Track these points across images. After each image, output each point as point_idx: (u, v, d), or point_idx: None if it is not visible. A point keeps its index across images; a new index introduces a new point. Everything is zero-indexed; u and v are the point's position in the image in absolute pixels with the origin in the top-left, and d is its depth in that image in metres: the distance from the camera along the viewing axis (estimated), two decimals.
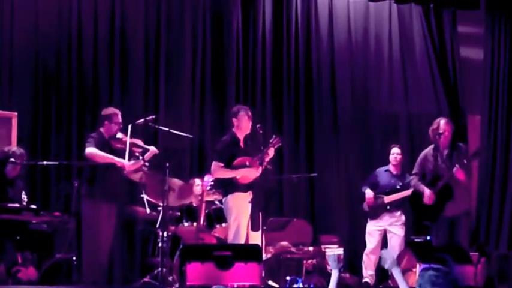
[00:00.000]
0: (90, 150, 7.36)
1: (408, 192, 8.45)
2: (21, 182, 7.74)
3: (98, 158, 7.37)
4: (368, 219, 8.73)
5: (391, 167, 8.81)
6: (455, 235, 7.70)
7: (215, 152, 7.59)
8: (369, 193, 8.67)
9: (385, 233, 8.67)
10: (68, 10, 9.09)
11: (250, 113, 7.55)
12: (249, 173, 7.31)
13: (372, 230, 8.69)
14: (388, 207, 8.58)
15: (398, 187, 8.63)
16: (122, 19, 9.32)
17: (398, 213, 8.64)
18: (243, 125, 7.48)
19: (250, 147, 7.50)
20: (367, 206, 8.67)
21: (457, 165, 7.59)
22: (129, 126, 7.46)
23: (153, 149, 7.58)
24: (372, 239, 8.67)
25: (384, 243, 8.69)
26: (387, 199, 8.59)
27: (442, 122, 7.86)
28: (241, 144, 7.49)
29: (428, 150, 7.95)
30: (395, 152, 8.79)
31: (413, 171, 8.08)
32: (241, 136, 7.51)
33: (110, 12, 9.27)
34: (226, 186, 7.47)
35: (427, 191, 7.76)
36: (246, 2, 9.91)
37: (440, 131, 7.79)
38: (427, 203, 7.74)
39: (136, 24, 9.39)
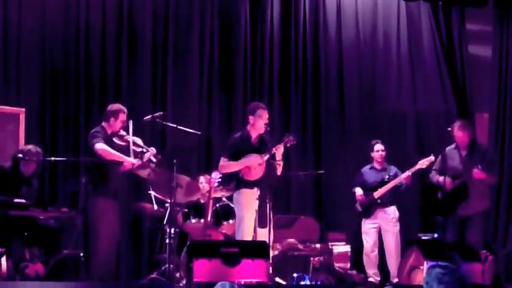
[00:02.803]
0: (102, 146, 7.27)
1: (396, 181, 8.46)
2: (36, 180, 7.73)
3: (109, 155, 7.28)
4: (363, 219, 8.73)
5: (375, 164, 8.81)
6: (466, 235, 7.73)
7: (224, 148, 7.59)
8: (358, 191, 8.71)
9: (380, 230, 8.66)
10: (75, 5, 9.10)
11: (267, 115, 7.40)
12: (252, 163, 7.28)
13: (368, 228, 8.69)
14: (379, 201, 8.57)
15: (386, 179, 8.62)
16: (129, 15, 9.33)
17: (392, 209, 8.63)
18: (258, 125, 7.38)
19: (264, 145, 7.42)
20: (359, 205, 8.67)
21: (478, 167, 7.63)
22: (130, 123, 7.43)
23: (152, 149, 7.51)
24: (368, 238, 8.67)
25: (380, 240, 8.68)
26: (377, 194, 8.58)
27: (456, 126, 7.96)
28: (254, 142, 7.43)
29: (450, 148, 8.03)
30: (379, 149, 8.76)
31: (433, 167, 8.15)
32: (254, 134, 7.43)
33: (117, 8, 9.28)
34: (235, 183, 7.48)
35: (445, 179, 7.76)
36: None
37: (456, 135, 7.91)
38: (447, 187, 7.76)
39: (144, 21, 9.39)
